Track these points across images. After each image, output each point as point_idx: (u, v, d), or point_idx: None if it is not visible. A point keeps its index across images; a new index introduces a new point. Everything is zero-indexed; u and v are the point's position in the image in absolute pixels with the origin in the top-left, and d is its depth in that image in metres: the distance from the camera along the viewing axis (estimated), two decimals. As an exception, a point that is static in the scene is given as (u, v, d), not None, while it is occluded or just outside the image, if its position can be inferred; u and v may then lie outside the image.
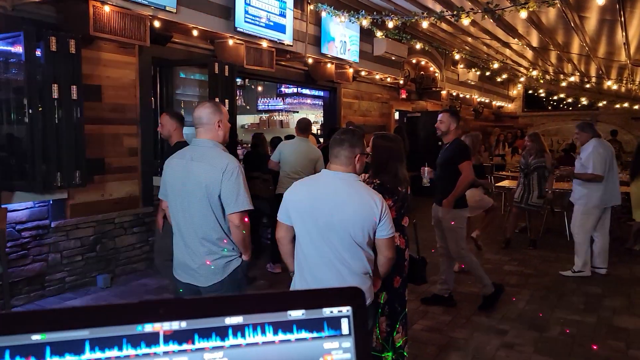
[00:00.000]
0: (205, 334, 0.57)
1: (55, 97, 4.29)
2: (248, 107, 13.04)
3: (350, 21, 7.20)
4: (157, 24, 5.21)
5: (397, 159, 2.77)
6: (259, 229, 6.29)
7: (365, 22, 6.79)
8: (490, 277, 4.71)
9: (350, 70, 8.71)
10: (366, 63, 8.98)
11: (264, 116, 13.37)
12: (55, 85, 4.29)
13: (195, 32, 5.81)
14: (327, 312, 0.61)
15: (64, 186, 4.49)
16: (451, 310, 4.54)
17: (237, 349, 0.57)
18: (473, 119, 16.30)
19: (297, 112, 13.45)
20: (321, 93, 10.15)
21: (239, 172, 2.57)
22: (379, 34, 8.07)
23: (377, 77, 9.92)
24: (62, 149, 4.37)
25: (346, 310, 0.62)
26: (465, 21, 5.36)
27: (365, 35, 8.58)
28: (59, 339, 0.51)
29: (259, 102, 13.43)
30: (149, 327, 0.55)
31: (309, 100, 12.86)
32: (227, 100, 5.77)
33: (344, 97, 9.64)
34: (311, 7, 7.43)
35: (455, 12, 5.22)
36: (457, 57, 10.57)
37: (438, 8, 7.04)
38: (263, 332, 0.59)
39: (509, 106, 18.89)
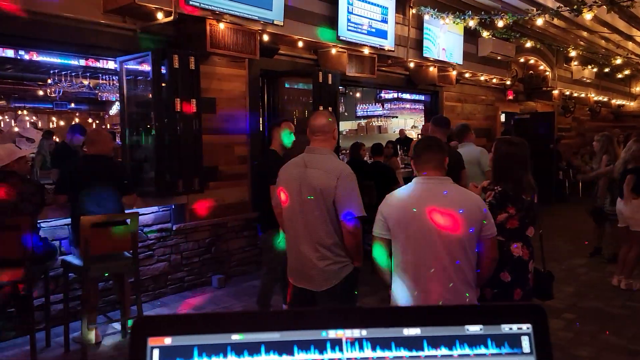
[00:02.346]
0: (385, 343, 0.57)
1: (178, 110, 4.66)
2: (346, 114, 13.18)
3: (455, 23, 6.98)
4: (265, 37, 5.46)
5: (521, 165, 2.62)
6: (363, 236, 6.29)
7: (472, 23, 6.54)
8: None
9: (454, 73, 8.44)
10: (470, 64, 8.66)
11: (363, 122, 13.43)
12: (178, 99, 4.66)
13: (300, 43, 6.00)
14: (506, 328, 0.59)
15: (184, 192, 4.86)
16: (572, 326, 4.20)
17: (415, 360, 0.57)
18: (589, 119, 15.02)
19: (397, 117, 13.33)
20: (421, 97, 9.95)
21: (353, 179, 2.60)
22: (485, 33, 7.74)
23: (482, 78, 9.52)
24: (183, 158, 4.73)
25: (526, 327, 0.59)
26: (588, 15, 4.91)
27: (469, 35, 8.27)
28: (254, 339, 0.55)
29: (357, 108, 13.53)
30: (332, 334, 0.57)
31: (408, 105, 12.69)
32: (330, 108, 5.88)
33: (446, 101, 9.36)
34: (413, 10, 7.33)
35: (575, 7, 4.82)
36: (572, 54, 9.78)
37: (549, 2, 6.59)
38: (441, 345, 0.58)
39: (632, 104, 17.14)
